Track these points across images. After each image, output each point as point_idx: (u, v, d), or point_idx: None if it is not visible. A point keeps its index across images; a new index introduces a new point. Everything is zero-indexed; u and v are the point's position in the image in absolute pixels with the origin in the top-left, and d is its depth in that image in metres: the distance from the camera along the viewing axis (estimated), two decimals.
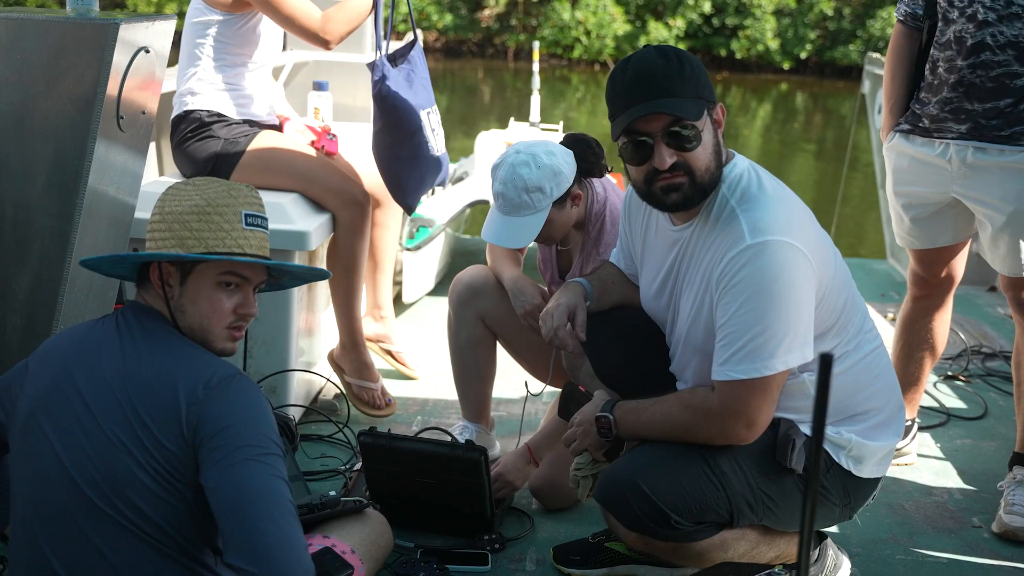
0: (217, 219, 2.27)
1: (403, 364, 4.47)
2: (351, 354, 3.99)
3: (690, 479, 2.62)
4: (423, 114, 3.75)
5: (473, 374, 3.62)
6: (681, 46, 24.83)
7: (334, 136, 4.16)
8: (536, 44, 7.42)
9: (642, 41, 24.10)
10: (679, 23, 25.36)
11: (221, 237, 2.26)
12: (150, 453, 2.14)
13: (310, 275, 2.48)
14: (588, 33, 25.35)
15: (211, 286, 2.28)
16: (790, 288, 2.49)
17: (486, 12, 26.70)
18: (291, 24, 3.72)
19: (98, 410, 2.18)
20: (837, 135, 17.67)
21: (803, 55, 25.40)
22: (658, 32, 25.08)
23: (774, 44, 25.18)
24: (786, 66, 25.44)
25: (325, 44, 3.75)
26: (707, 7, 25.40)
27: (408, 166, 3.78)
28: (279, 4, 3.69)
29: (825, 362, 1.31)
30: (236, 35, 3.85)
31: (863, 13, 25.62)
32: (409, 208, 3.94)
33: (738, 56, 25.45)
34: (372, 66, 3.71)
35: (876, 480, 2.83)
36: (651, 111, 2.54)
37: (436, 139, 3.81)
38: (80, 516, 2.16)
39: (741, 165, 2.66)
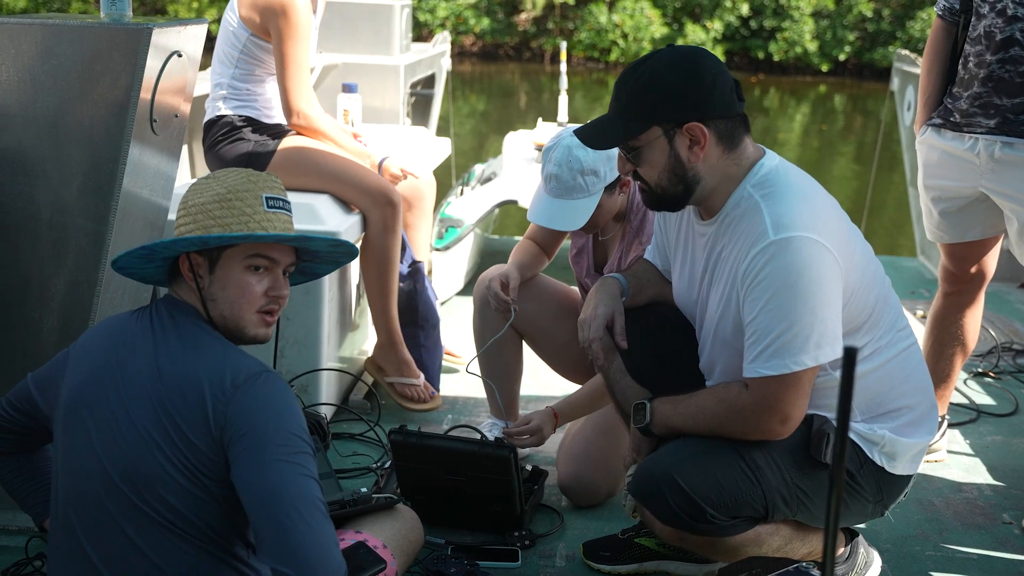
0: (238, 204, 2.28)
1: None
2: (389, 353, 4.02)
3: (725, 473, 2.63)
4: (439, 308, 4.28)
5: (500, 372, 3.64)
6: (718, 48, 24.72)
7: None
8: (564, 44, 7.41)
9: (679, 44, 23.81)
10: (716, 25, 25.15)
11: (244, 221, 2.27)
12: (179, 449, 2.16)
13: (337, 253, 2.49)
14: (625, 36, 25.22)
15: (240, 271, 2.28)
16: (816, 284, 2.49)
17: (523, 16, 26.69)
18: (282, 79, 3.86)
19: (132, 406, 2.20)
20: (876, 137, 17.53)
21: (841, 57, 25.10)
22: (695, 34, 24.85)
23: (812, 46, 24.91)
24: (824, 68, 25.15)
25: (288, 114, 3.92)
26: (745, 9, 25.17)
27: (431, 353, 4.22)
28: (288, 59, 3.81)
29: (849, 356, 1.32)
30: (267, 47, 3.90)
31: (902, 14, 25.32)
32: (435, 386, 4.19)
33: (776, 58, 25.22)
34: (411, 274, 4.14)
35: (909, 477, 2.82)
36: (583, 132, 2.72)
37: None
38: (115, 510, 2.19)
39: (770, 163, 2.66)
